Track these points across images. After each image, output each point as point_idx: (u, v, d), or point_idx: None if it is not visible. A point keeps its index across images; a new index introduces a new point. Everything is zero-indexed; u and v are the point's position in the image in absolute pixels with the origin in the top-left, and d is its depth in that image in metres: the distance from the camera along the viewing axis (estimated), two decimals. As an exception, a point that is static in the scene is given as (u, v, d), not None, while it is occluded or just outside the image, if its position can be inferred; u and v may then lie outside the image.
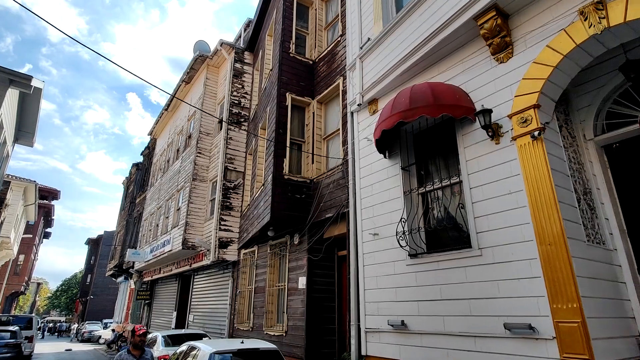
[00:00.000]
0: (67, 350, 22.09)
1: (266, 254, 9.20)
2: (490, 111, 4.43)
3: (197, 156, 12.90)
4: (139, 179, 24.45)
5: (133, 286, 21.98)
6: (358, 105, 6.68)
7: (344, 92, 7.66)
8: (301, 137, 8.50)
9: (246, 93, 12.87)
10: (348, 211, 6.69)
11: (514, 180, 4.16)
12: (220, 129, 13.23)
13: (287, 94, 8.44)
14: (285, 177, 7.81)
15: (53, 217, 41.14)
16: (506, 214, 4.16)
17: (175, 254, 12.69)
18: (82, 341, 29.86)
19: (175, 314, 14.51)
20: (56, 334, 41.81)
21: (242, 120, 12.56)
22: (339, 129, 7.72)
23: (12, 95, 10.44)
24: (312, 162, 8.14)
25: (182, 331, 9.79)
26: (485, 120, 4.42)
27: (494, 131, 4.44)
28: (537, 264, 3.77)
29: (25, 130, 12.72)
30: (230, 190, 11.60)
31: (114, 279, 26.92)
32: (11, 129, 11.76)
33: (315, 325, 7.13)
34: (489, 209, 4.35)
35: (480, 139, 4.63)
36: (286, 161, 7.91)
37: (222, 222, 11.13)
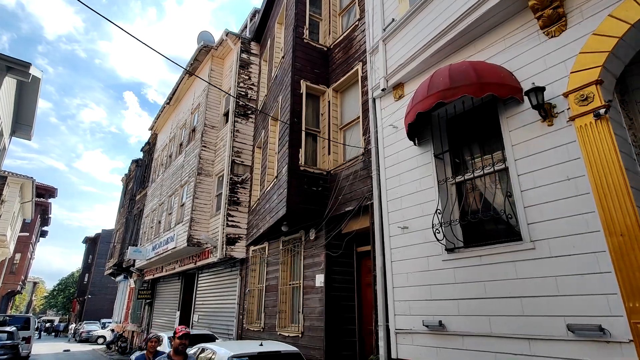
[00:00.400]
0: (65, 351, 21.58)
1: (278, 250, 8.75)
2: (542, 89, 4.00)
3: (202, 150, 12.43)
4: (139, 176, 23.92)
5: (133, 285, 21.48)
6: (382, 90, 6.24)
7: (364, 79, 7.23)
8: (316, 127, 8.06)
9: (253, 84, 12.40)
10: (371, 204, 6.26)
11: (573, 164, 3.74)
12: (226, 122, 12.77)
13: (301, 81, 7.99)
14: (301, 168, 7.37)
15: (50, 215, 40.54)
16: (564, 202, 3.73)
17: (179, 251, 12.22)
18: (80, 341, 29.33)
19: (178, 313, 14.05)
20: (53, 333, 41.22)
21: (249, 112, 12.10)
22: (358, 118, 7.28)
23: (9, 84, 9.94)
24: (329, 153, 7.70)
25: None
26: (537, 100, 3.99)
27: (546, 112, 4.02)
28: (605, 257, 3.35)
29: (22, 122, 12.21)
30: (238, 185, 11.14)
31: (112, 278, 26.40)
32: (8, 121, 11.25)
33: (334, 326, 6.69)
34: (542, 197, 3.92)
35: (530, 120, 4.20)
36: (301, 152, 7.47)
37: (230, 218, 10.67)
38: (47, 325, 43.21)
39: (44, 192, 35.75)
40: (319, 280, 7.05)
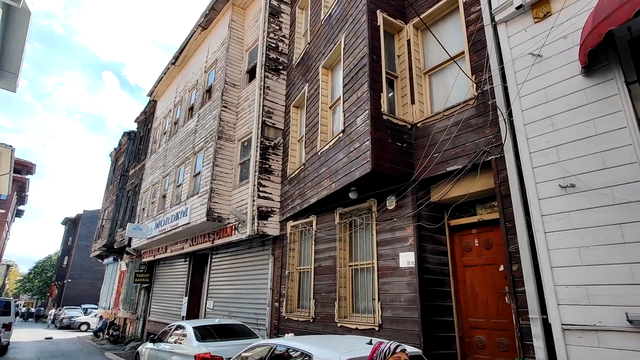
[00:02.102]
0: (47, 338, 19.60)
1: (332, 225, 7.19)
2: None
3: (223, 110, 10.64)
4: (133, 149, 21.80)
5: (124, 268, 19.56)
6: (517, 8, 4.68)
7: (468, 4, 5.65)
8: (392, 71, 6.45)
9: (284, 36, 10.64)
10: (496, 159, 4.76)
11: None
12: (249, 80, 11.02)
13: (377, 11, 6.34)
14: (384, 117, 5.78)
15: (27, 193, 37.71)
16: None
17: (193, 227, 10.50)
18: (61, 328, 27.23)
19: (185, 299, 12.36)
20: (31, 319, 38.72)
21: (281, 67, 10.36)
22: (458, 56, 5.71)
23: (-9, 11, 7.90)
24: (412, 103, 6.12)
25: (215, 321, 7.73)
26: None
27: None
28: None
29: (6, 69, 10.11)
30: (270, 150, 9.46)
31: (100, 260, 24.32)
32: (-12, 63, 9.18)
33: (429, 318, 5.22)
34: None
35: None
36: (383, 97, 5.87)
37: (261, 188, 9.01)
38: (24, 310, 40.58)
39: (21, 168, 32.98)
40: (406, 259, 5.54)
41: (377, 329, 5.72)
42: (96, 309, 33.95)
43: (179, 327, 7.73)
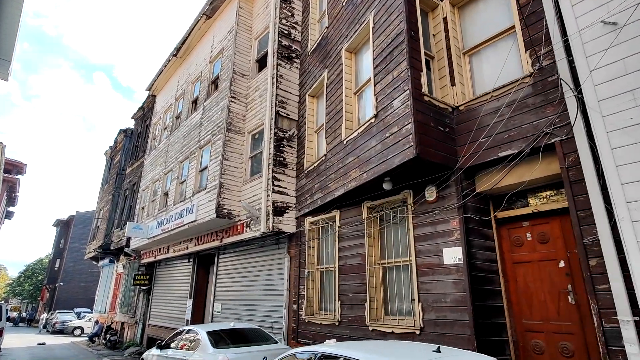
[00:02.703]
0: (40, 344, 18.75)
1: (358, 219, 6.62)
2: None
3: (232, 101, 10.04)
4: (130, 147, 21.06)
5: (122, 270, 18.81)
6: (586, -29, 4.18)
7: (517, -24, 5.14)
8: (428, 51, 5.92)
9: (296, 23, 10.10)
10: (561, 141, 4.25)
11: None
12: (259, 70, 10.44)
13: (412, -15, 5.81)
14: (426, 98, 5.25)
15: (17, 194, 36.59)
16: None
17: (200, 225, 9.86)
18: (54, 333, 26.33)
19: (190, 302, 11.70)
20: (22, 323, 37.56)
21: (294, 55, 9.80)
22: (507, 31, 5.20)
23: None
24: (452, 84, 5.59)
25: (229, 325, 7.12)
26: None
27: None
28: None
29: (-2, 55, 9.42)
30: (284, 142, 8.89)
31: (95, 262, 23.47)
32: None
33: (481, 320, 4.68)
34: None
35: None
36: (423, 77, 5.33)
37: (276, 182, 8.43)
38: (15, 314, 39.38)
39: (11, 168, 31.92)
40: (451, 255, 4.99)
41: (418, 332, 5.17)
42: (90, 313, 33.01)
43: (190, 331, 7.12)
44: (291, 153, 8.95)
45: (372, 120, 5.88)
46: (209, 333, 6.58)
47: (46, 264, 47.63)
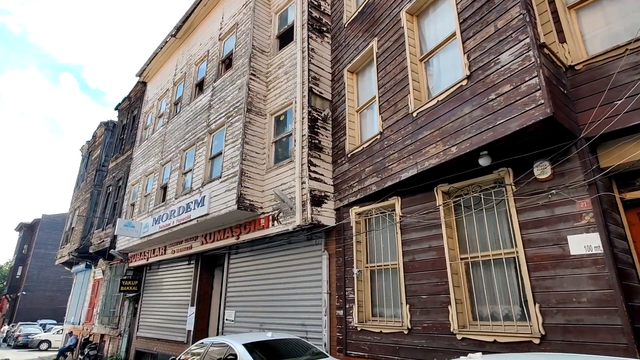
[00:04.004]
0: (3, 361, 16.46)
1: (429, 206, 5.55)
2: None
3: (252, 79, 8.82)
4: (112, 140, 19.24)
5: (100, 275, 16.89)
6: None
7: None
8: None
9: (326, -5, 9.04)
10: None
11: None
12: (280, 46, 9.30)
13: None
14: (545, 50, 4.28)
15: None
16: None
17: (212, 220, 8.51)
18: (17, 347, 23.66)
19: (192, 310, 10.22)
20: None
21: (324, 29, 8.73)
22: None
23: None
24: (562, 42, 4.66)
25: (267, 336, 5.85)
26: None
27: None
28: None
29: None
30: (318, 123, 7.75)
31: (67, 268, 21.22)
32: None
33: (637, 325, 3.69)
34: None
35: None
36: (538, 25, 4.38)
37: (312, 168, 7.26)
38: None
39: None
40: (583, 244, 4.00)
41: (537, 341, 4.12)
42: (55, 324, 30.20)
43: (218, 345, 5.80)
44: (326, 136, 7.82)
45: (463, 82, 4.86)
46: (247, 347, 5.31)
47: (7, 271, 43.74)
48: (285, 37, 9.30)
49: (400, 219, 5.94)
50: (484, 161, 4.67)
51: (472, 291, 5.03)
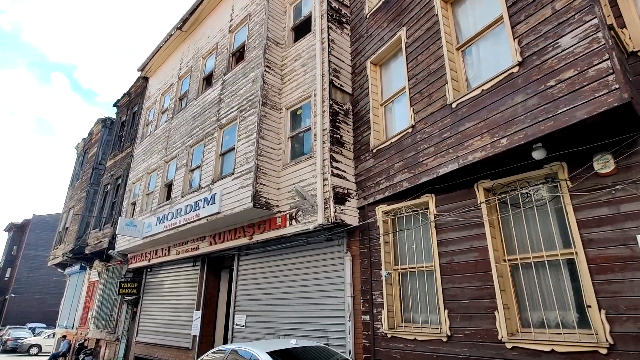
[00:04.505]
0: (-9, 367, 15.71)
1: (470, 204, 5.17)
2: None
3: (267, 71, 8.41)
4: (110, 138, 18.66)
5: (96, 277, 16.26)
6: None
7: None
8: (578, -12, 4.66)
9: (345, -16, 8.69)
10: None
11: None
12: (295, 39, 8.93)
13: None
14: (612, 32, 3.94)
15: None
16: None
17: (224, 219, 8.06)
18: (5, 351, 22.80)
19: (198, 314, 9.71)
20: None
21: (344, 20, 8.36)
22: None
23: None
24: (620, 27, 4.33)
25: (291, 343, 5.39)
26: None
27: None
28: None
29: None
30: (340, 117, 7.36)
31: (60, 270, 20.49)
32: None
33: None
34: None
35: None
36: (602, 7, 4.04)
37: (334, 164, 6.85)
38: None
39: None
40: (656, 244, 3.64)
41: (603, 351, 3.74)
42: (45, 328, 29.33)
43: (236, 353, 5.33)
44: (347, 131, 7.43)
45: (514, 70, 4.50)
46: (272, 355, 4.86)
47: (-7, 273, 42.47)
48: (301, 29, 8.92)
49: (435, 217, 5.55)
50: (538, 154, 4.30)
51: (519, 295, 4.65)
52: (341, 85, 7.65)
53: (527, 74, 4.36)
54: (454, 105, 5.25)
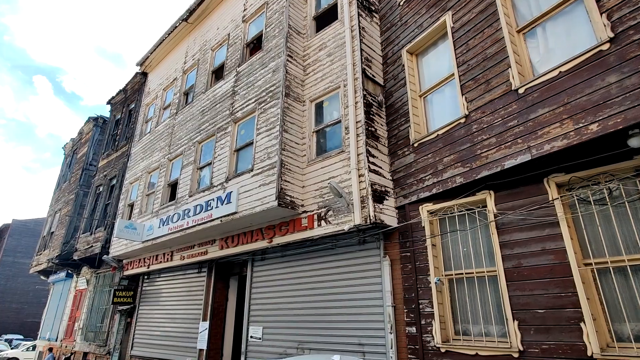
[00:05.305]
0: (-35, 383, 14.36)
1: (538, 201, 4.61)
2: None
3: (289, 61, 7.80)
4: (102, 137, 17.69)
5: (85, 286, 15.17)
6: None
7: None
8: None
9: (372, -27, 8.19)
10: None
11: None
12: (317, 29, 8.38)
13: None
14: None
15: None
16: None
17: (240, 220, 7.33)
18: (-21, 366, 21.10)
19: (205, 325, 8.87)
20: None
21: (373, 9, 7.84)
22: None
23: None
24: None
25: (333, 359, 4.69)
26: None
27: None
28: None
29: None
30: (373, 109, 6.77)
31: (43, 277, 19.20)
32: None
33: None
34: None
35: None
36: None
37: (371, 159, 6.24)
38: None
39: None
40: None
41: None
42: (23, 340, 27.66)
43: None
44: (381, 124, 6.84)
45: (604, 47, 3.99)
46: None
47: (-33, 281, 40.16)
48: (324, 19, 8.39)
49: (495, 216, 4.96)
50: (636, 141, 3.77)
51: (606, 304, 4.08)
52: (373, 75, 7.08)
53: (622, 52, 3.85)
54: (521, 91, 4.72)
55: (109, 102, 17.42)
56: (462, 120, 5.42)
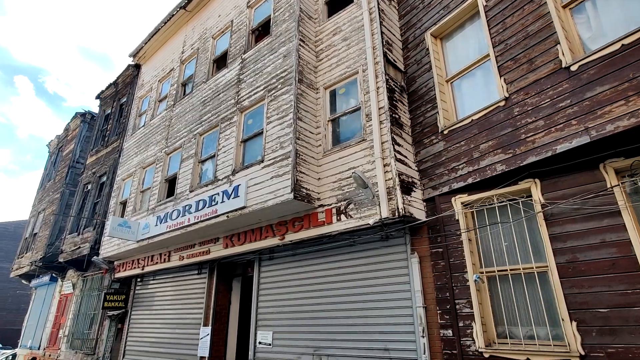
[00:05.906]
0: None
1: (593, 189, 4.19)
2: None
3: (301, 45, 7.29)
4: (91, 133, 16.85)
5: (71, 290, 14.28)
6: None
7: None
8: None
9: (387, -45, 7.76)
10: None
11: None
12: (329, 14, 7.92)
13: None
14: None
15: None
16: None
17: (249, 215, 6.76)
18: (-47, 377, 19.81)
19: (208, 331, 8.22)
20: None
21: (390, -8, 7.41)
22: None
23: None
24: None
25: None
26: None
27: None
28: None
29: None
30: (396, 95, 6.30)
31: (24, 281, 18.14)
32: None
33: None
34: None
35: None
36: None
37: (396, 148, 5.76)
38: None
39: None
40: None
41: None
42: (1, 348, 26.27)
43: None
44: (404, 112, 6.37)
45: (678, 15, 3.59)
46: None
47: (-59, 287, 38.18)
48: (336, 3, 7.92)
49: (543, 207, 4.51)
50: None
51: (680, 302, 3.65)
52: (394, 60, 6.62)
53: (702, 18, 3.45)
54: (573, 68, 4.30)
55: (98, 97, 16.59)
56: (502, 104, 4.99)
